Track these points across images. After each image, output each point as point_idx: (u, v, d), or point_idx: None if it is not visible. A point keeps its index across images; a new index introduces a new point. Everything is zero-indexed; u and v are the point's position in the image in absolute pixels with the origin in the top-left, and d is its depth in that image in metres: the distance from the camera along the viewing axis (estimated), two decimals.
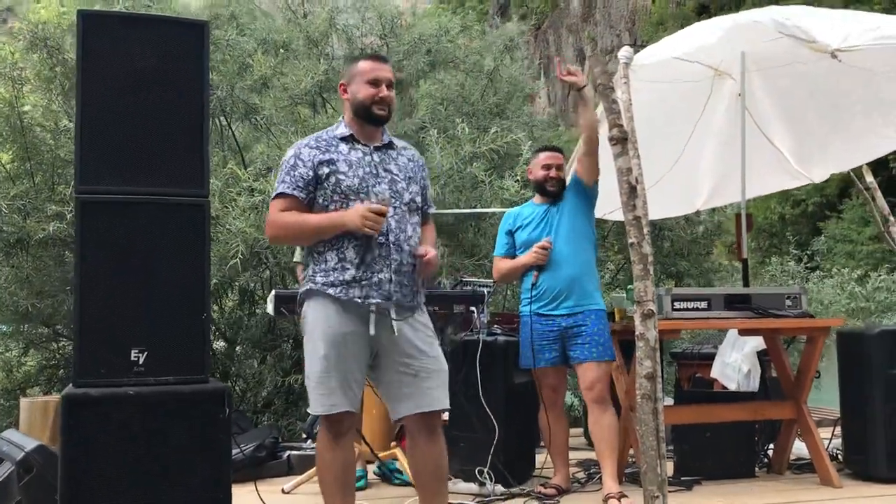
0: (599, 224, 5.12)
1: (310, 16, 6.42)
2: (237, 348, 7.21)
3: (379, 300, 2.87)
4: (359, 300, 2.85)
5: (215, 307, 7.31)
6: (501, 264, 4.18)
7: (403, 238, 2.94)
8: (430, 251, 2.96)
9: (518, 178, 5.76)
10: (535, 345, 3.97)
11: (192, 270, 2.97)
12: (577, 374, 3.96)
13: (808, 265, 11.16)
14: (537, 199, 4.18)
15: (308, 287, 2.93)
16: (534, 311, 3.98)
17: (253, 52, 6.07)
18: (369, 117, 2.98)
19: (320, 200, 2.93)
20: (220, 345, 7.43)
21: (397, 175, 3.01)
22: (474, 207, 5.90)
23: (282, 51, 6.18)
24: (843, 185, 30.16)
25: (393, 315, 2.89)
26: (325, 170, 2.91)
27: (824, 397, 6.64)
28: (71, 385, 2.81)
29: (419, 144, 5.77)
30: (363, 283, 2.87)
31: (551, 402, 4.07)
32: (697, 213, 6.83)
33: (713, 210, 7.47)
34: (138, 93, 2.93)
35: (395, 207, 2.92)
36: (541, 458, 4.58)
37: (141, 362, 2.86)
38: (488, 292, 4.18)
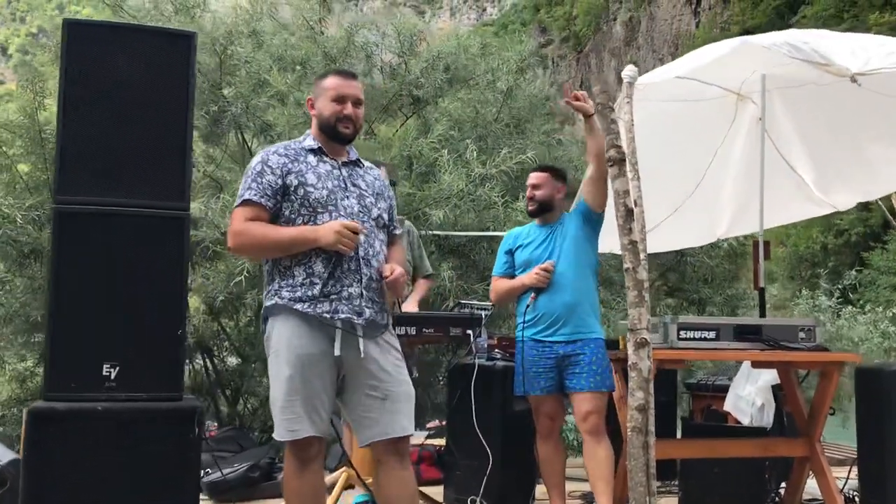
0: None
1: (327, 33, 6.39)
2: (252, 365, 7.16)
3: (348, 315, 2.76)
4: (327, 315, 2.74)
5: (231, 323, 7.30)
6: (499, 284, 4.07)
7: (372, 253, 2.85)
8: (395, 269, 2.84)
9: None
10: (529, 372, 3.84)
11: (170, 285, 2.92)
12: (572, 403, 3.82)
13: (846, 299, 10.78)
14: (539, 220, 4.07)
15: (273, 302, 2.80)
16: (529, 336, 3.86)
17: (269, 68, 6.04)
18: (334, 135, 2.91)
19: (286, 213, 2.81)
20: (234, 361, 7.40)
21: (365, 190, 2.93)
22: (488, 229, 5.81)
23: (298, 67, 6.15)
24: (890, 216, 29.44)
25: (360, 333, 2.79)
26: (294, 181, 2.81)
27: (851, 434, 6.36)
28: (40, 399, 2.76)
29: (432, 165, 5.71)
30: (332, 297, 2.76)
31: (547, 431, 3.92)
32: (719, 240, 6.64)
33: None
34: (122, 103, 2.90)
35: (363, 222, 2.83)
36: (541, 488, 4.43)
37: (113, 377, 2.80)
38: (486, 315, 4.06)
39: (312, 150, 2.91)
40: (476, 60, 6.78)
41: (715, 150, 5.33)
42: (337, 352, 2.74)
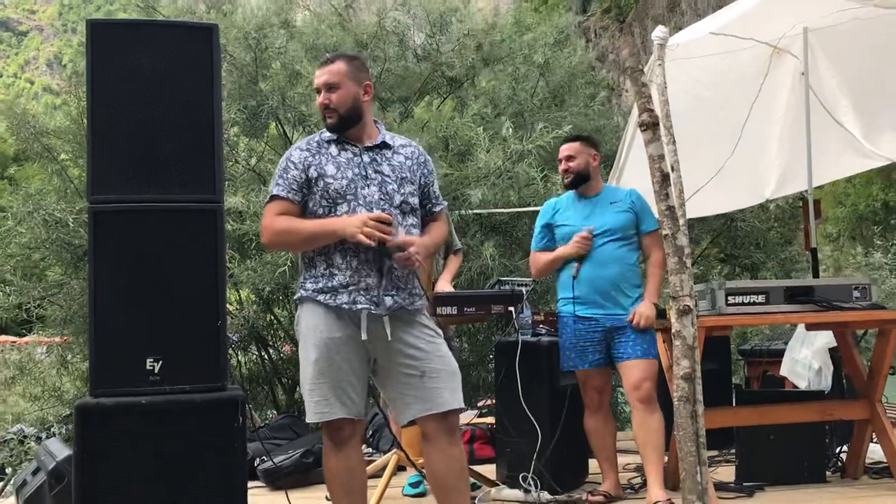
0: None
1: (357, 18, 6.37)
2: None
3: (366, 305, 2.78)
4: (346, 306, 2.78)
5: (283, 313, 7.38)
6: (539, 257, 4.00)
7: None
8: (409, 242, 2.78)
9: None
10: (576, 347, 3.80)
11: (207, 277, 2.92)
12: (621, 373, 3.77)
13: None
14: (578, 190, 3.99)
15: (300, 294, 2.89)
16: (574, 312, 3.81)
17: (301, 59, 6.05)
18: (326, 126, 2.94)
19: (310, 205, 2.87)
20: (289, 349, 7.48)
21: (389, 176, 2.89)
22: (528, 205, 5.74)
23: (328, 55, 6.13)
24: None
25: (385, 319, 2.80)
26: (314, 173, 2.85)
27: None
28: (87, 395, 2.82)
29: (468, 144, 5.65)
30: (350, 288, 2.79)
31: (596, 405, 3.89)
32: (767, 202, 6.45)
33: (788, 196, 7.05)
34: (148, 99, 2.90)
35: (384, 211, 2.81)
36: (594, 463, 4.39)
37: (156, 371, 2.83)
38: (527, 291, 4.01)
39: (332, 141, 2.93)
40: (511, 37, 6.69)
41: (751, 105, 5.13)
42: (364, 336, 2.76)
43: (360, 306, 2.77)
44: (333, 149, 2.90)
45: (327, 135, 2.94)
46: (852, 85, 4.90)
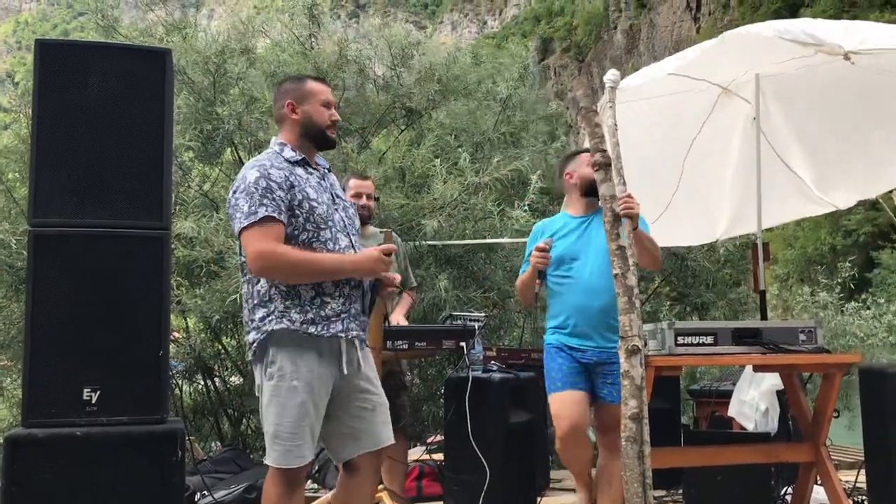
0: None
1: (317, 49, 6.36)
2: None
3: (357, 332, 2.77)
4: (341, 335, 2.71)
5: (232, 342, 7.25)
6: (518, 282, 3.80)
7: None
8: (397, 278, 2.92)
9: (527, 208, 5.60)
10: (564, 369, 3.61)
11: (151, 306, 2.87)
12: (595, 411, 3.67)
13: (841, 295, 10.67)
14: (572, 208, 3.82)
15: (282, 326, 2.65)
16: (560, 342, 3.66)
17: (260, 86, 6.02)
18: (324, 141, 2.86)
19: (288, 230, 2.67)
20: (236, 381, 7.34)
21: (342, 199, 2.90)
22: (484, 238, 5.74)
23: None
24: None
25: (358, 347, 2.79)
26: (298, 195, 2.69)
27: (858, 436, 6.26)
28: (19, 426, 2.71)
29: (424, 176, 5.65)
30: (342, 316, 2.72)
31: (573, 440, 3.56)
32: (716, 241, 6.57)
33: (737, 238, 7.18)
34: (96, 122, 2.86)
35: (352, 235, 2.83)
36: (546, 501, 4.36)
37: (93, 401, 2.75)
38: (479, 326, 3.99)
39: (297, 163, 2.79)
40: (468, 71, 6.74)
41: (692, 140, 5.21)
42: (345, 370, 2.71)
43: (352, 334, 2.74)
44: (300, 171, 2.77)
45: (289, 154, 2.79)
46: (803, 131, 5.01)
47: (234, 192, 2.70)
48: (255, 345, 2.70)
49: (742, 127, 5.18)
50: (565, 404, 3.58)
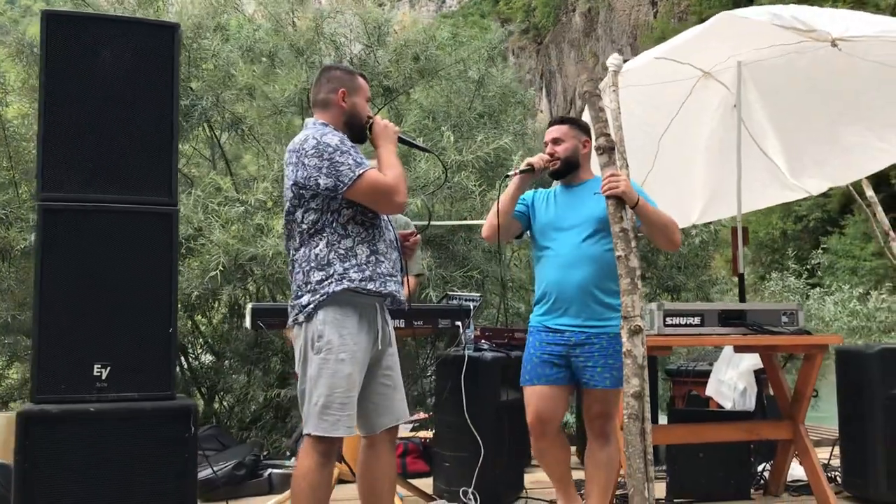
0: None
1: (291, 27, 6.30)
2: (226, 362, 7.06)
3: (401, 297, 2.90)
4: (396, 294, 2.84)
5: (203, 320, 7.20)
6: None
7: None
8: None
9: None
10: (535, 358, 3.39)
11: (160, 282, 2.85)
12: (583, 397, 3.50)
13: (809, 281, 11.06)
14: (563, 180, 3.55)
15: (343, 287, 2.70)
16: (541, 322, 3.43)
17: (236, 61, 5.95)
18: (361, 134, 2.92)
19: (333, 205, 2.73)
20: (208, 358, 7.30)
21: None
22: (464, 219, 5.78)
23: (264, 59, 6.07)
24: (845, 201, 30.17)
25: (388, 319, 2.94)
26: None
27: (825, 416, 6.49)
28: (29, 401, 2.69)
29: (406, 154, 5.66)
30: (395, 278, 2.86)
31: (539, 432, 3.41)
32: (693, 225, 6.70)
33: (709, 222, 7.34)
34: (105, 96, 2.82)
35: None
36: (529, 477, 4.44)
37: (104, 378, 2.73)
38: (474, 306, 4.04)
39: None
40: (446, 51, 6.74)
41: (670, 120, 5.27)
42: (380, 346, 2.84)
43: (402, 296, 2.88)
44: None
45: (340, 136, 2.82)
46: (780, 118, 5.12)
47: (321, 157, 2.69)
48: (309, 307, 2.72)
49: (720, 112, 5.27)
50: (531, 397, 3.41)
